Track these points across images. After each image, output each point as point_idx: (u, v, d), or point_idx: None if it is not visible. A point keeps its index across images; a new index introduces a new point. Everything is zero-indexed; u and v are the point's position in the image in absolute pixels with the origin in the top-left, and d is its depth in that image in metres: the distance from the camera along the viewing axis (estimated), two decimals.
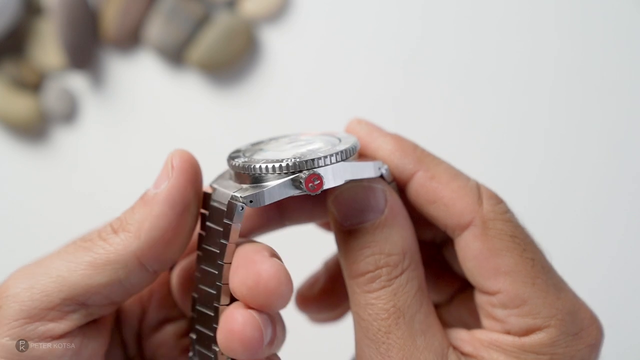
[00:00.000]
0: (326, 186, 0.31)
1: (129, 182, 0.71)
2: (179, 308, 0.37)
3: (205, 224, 0.33)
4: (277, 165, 0.31)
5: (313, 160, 0.31)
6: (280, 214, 0.36)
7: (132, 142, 0.72)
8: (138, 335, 0.37)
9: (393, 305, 0.32)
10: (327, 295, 0.39)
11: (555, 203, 0.68)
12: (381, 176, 0.33)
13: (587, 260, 0.67)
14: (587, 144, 0.67)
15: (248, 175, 0.32)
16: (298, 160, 0.31)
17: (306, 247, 0.51)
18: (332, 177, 0.31)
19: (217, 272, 0.32)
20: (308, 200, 0.36)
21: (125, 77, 0.71)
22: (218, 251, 0.32)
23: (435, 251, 0.38)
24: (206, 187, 0.34)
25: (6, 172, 0.73)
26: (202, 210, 0.33)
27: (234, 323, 0.30)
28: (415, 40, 0.68)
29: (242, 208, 0.31)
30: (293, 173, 0.31)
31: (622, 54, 0.66)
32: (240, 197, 0.31)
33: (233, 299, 0.32)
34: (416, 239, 0.34)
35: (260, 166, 0.31)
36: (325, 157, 0.31)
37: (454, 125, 0.68)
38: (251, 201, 0.31)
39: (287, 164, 0.31)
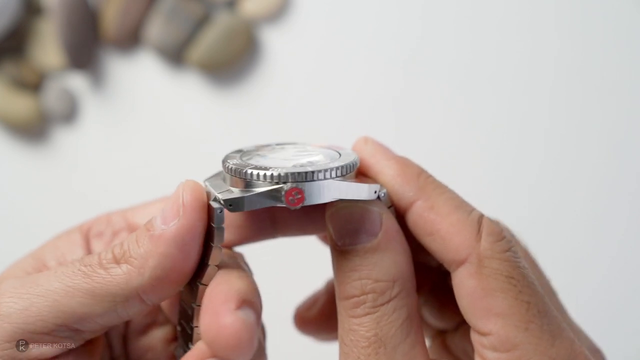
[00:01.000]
0: (307, 202, 0.30)
1: (129, 182, 0.71)
2: (164, 313, 0.36)
3: None
4: (262, 173, 0.30)
5: (299, 173, 0.30)
6: (272, 224, 0.35)
7: (132, 142, 0.72)
8: (124, 337, 0.36)
9: (375, 334, 0.31)
10: (326, 316, 0.38)
11: (555, 203, 0.67)
12: (378, 199, 0.32)
13: (587, 260, 0.67)
14: (587, 144, 0.67)
15: (238, 179, 0.31)
16: (284, 171, 0.30)
17: (310, 262, 0.50)
18: (318, 193, 0.30)
19: (198, 271, 0.32)
20: (300, 213, 0.35)
21: (125, 77, 0.71)
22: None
23: (443, 277, 0.36)
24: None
25: (6, 172, 0.73)
26: None
27: None
28: (415, 40, 0.68)
29: (221, 211, 0.30)
30: (277, 183, 0.30)
31: (622, 54, 0.66)
32: (222, 199, 0.30)
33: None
34: (412, 266, 0.32)
35: (248, 172, 0.30)
36: (313, 172, 0.30)
37: (453, 125, 0.68)
38: (231, 205, 0.30)
39: (272, 174, 0.30)
